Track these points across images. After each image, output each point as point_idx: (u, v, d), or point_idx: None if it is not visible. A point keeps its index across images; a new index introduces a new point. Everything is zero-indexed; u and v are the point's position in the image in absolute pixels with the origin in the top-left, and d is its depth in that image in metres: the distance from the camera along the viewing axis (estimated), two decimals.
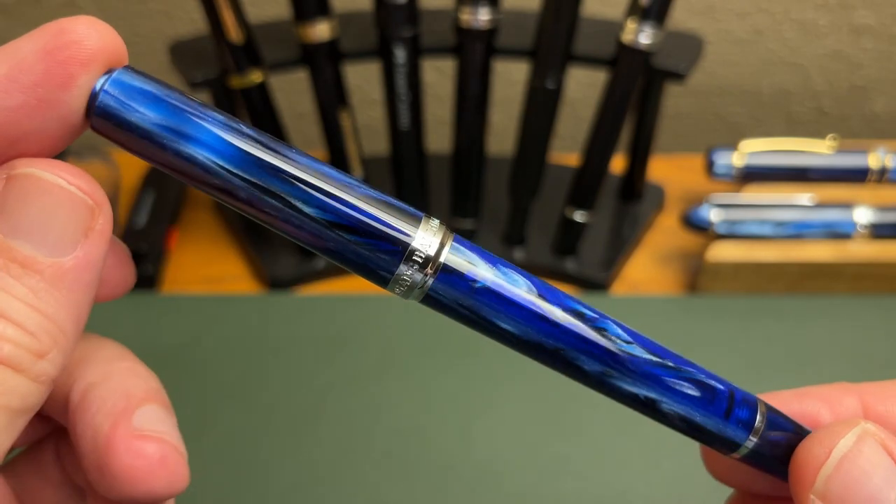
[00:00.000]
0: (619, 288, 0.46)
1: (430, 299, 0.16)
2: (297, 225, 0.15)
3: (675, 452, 0.37)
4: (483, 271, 0.16)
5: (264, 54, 0.42)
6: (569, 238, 0.46)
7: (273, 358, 0.41)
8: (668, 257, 0.47)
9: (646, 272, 0.47)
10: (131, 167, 0.51)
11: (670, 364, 0.18)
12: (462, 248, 0.16)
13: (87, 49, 0.15)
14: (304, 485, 0.36)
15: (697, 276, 0.44)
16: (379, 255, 0.15)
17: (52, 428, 0.20)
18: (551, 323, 0.17)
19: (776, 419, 0.19)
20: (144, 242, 0.46)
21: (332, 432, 0.37)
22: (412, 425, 0.38)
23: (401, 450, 0.37)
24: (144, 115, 0.15)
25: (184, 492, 0.19)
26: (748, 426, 0.18)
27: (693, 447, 0.37)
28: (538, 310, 0.16)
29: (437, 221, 0.16)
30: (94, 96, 0.15)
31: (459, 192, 0.46)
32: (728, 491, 0.22)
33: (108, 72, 0.15)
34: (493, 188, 0.48)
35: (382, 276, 0.16)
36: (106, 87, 0.15)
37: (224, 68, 0.41)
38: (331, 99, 0.43)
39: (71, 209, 0.14)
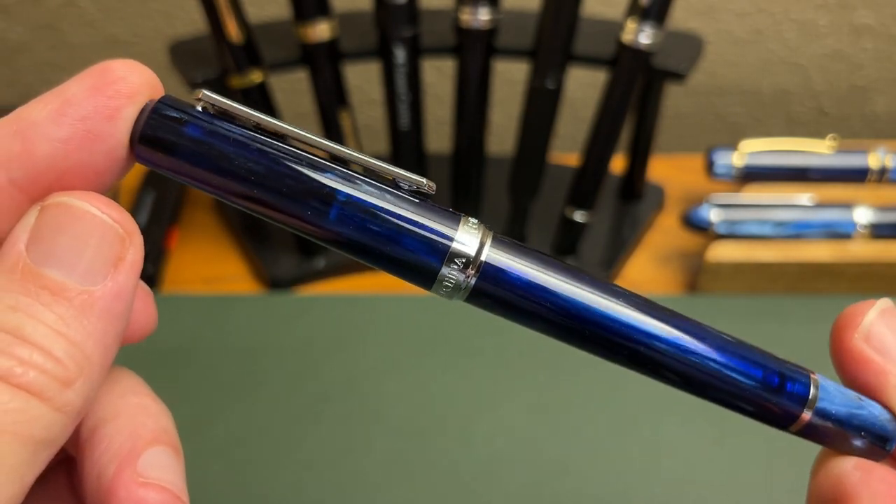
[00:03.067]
0: None
1: (475, 298, 0.16)
2: (337, 229, 0.16)
3: (676, 452, 0.37)
4: (524, 266, 0.16)
5: (264, 54, 0.42)
6: (569, 238, 0.46)
7: (273, 358, 0.41)
8: (668, 257, 0.47)
9: (646, 272, 0.47)
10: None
11: (706, 334, 0.18)
12: (502, 245, 0.16)
13: (131, 84, 0.15)
14: (305, 485, 0.36)
15: (697, 276, 0.44)
16: (421, 259, 0.16)
17: (64, 454, 0.19)
18: (596, 311, 0.17)
19: (830, 385, 0.19)
20: (144, 242, 0.46)
21: (333, 432, 0.37)
22: (412, 425, 0.38)
23: (401, 450, 0.37)
24: (185, 137, 0.15)
25: None
26: (803, 398, 0.18)
27: (692, 448, 0.37)
28: (582, 300, 0.17)
29: (475, 221, 0.16)
30: (135, 125, 0.15)
31: (459, 192, 0.46)
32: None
33: (146, 105, 0.16)
34: (493, 188, 0.48)
35: (426, 279, 0.16)
36: (146, 115, 0.15)
37: (224, 68, 0.41)
38: (331, 99, 0.43)
39: (102, 237, 0.15)
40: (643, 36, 0.39)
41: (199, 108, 0.16)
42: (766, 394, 0.18)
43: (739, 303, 0.43)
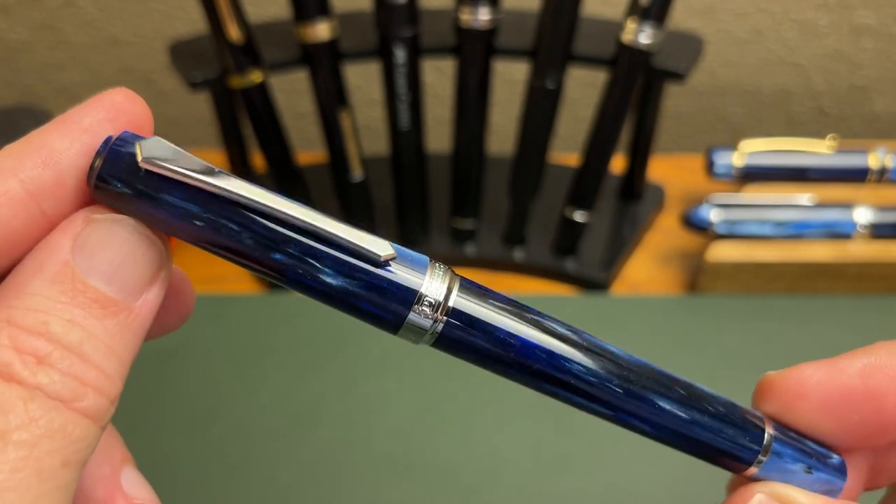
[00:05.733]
0: (619, 288, 0.46)
1: (442, 344, 0.16)
2: (299, 275, 0.15)
3: (676, 452, 0.37)
4: (492, 312, 0.16)
5: (264, 54, 0.42)
6: (569, 238, 0.46)
7: (273, 358, 0.41)
8: (668, 257, 0.47)
9: (646, 272, 0.47)
10: None
11: (681, 390, 0.18)
12: (469, 290, 0.16)
13: (138, 117, 0.16)
14: (304, 485, 0.36)
15: (697, 276, 0.44)
16: (388, 304, 0.16)
17: None
18: (564, 360, 0.17)
19: (785, 437, 0.19)
20: None
21: (332, 432, 0.37)
22: (412, 425, 0.38)
23: (400, 450, 0.37)
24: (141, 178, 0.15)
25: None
26: (758, 442, 0.18)
27: None
28: (551, 348, 0.16)
29: (443, 266, 0.16)
30: (94, 161, 0.15)
31: (459, 192, 0.46)
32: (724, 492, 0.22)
33: (107, 139, 0.15)
34: (493, 188, 0.48)
35: (392, 325, 0.16)
36: (108, 148, 0.15)
37: (224, 68, 0.41)
38: (331, 99, 0.43)
39: (148, 256, 0.15)
40: (643, 36, 0.39)
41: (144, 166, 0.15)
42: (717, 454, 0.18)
43: (739, 303, 0.43)
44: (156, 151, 0.15)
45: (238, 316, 0.43)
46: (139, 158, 0.15)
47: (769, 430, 0.18)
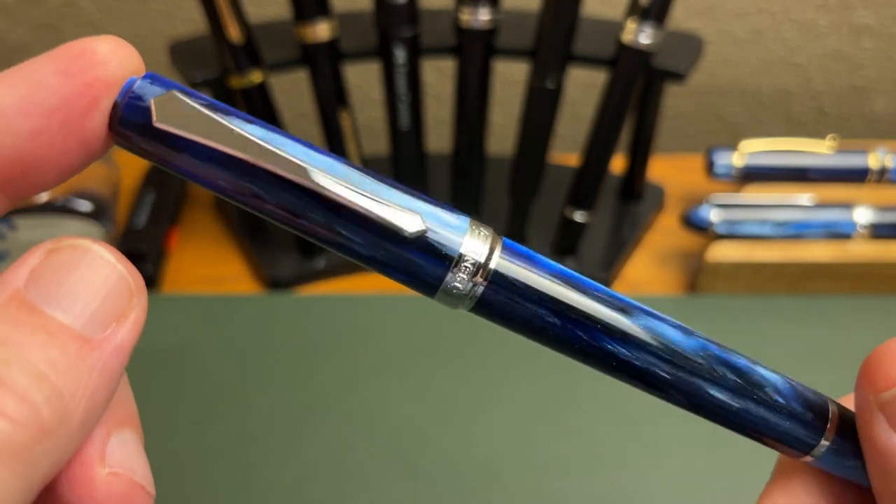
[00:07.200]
0: (619, 288, 0.46)
1: (481, 308, 0.15)
2: (336, 231, 0.14)
3: (676, 452, 0.37)
4: (536, 276, 0.15)
5: (264, 54, 0.42)
6: (569, 238, 0.46)
7: (273, 358, 0.41)
8: (668, 257, 0.47)
9: (646, 272, 0.47)
10: (131, 167, 0.51)
11: (740, 362, 0.17)
12: (512, 251, 0.15)
13: (111, 70, 0.14)
14: (304, 485, 0.36)
15: (697, 276, 0.44)
16: (425, 264, 0.15)
17: None
18: (616, 327, 0.16)
19: (850, 418, 0.18)
20: (144, 242, 0.46)
21: (333, 432, 0.37)
22: (412, 425, 0.38)
23: (401, 450, 0.37)
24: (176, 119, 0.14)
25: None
26: (821, 425, 0.17)
27: (693, 449, 0.37)
28: (598, 314, 0.15)
29: (485, 226, 0.15)
30: (117, 106, 0.14)
31: (459, 192, 0.46)
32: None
33: (130, 82, 0.14)
34: (493, 188, 0.48)
35: (429, 286, 0.15)
36: (133, 91, 0.14)
37: (224, 68, 0.41)
38: (331, 99, 0.43)
39: (114, 288, 0.13)
40: (643, 36, 0.39)
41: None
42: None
43: (739, 303, 0.43)
44: (174, 113, 0.14)
45: (238, 316, 0.43)
46: (153, 119, 0.14)
47: (832, 409, 0.17)
